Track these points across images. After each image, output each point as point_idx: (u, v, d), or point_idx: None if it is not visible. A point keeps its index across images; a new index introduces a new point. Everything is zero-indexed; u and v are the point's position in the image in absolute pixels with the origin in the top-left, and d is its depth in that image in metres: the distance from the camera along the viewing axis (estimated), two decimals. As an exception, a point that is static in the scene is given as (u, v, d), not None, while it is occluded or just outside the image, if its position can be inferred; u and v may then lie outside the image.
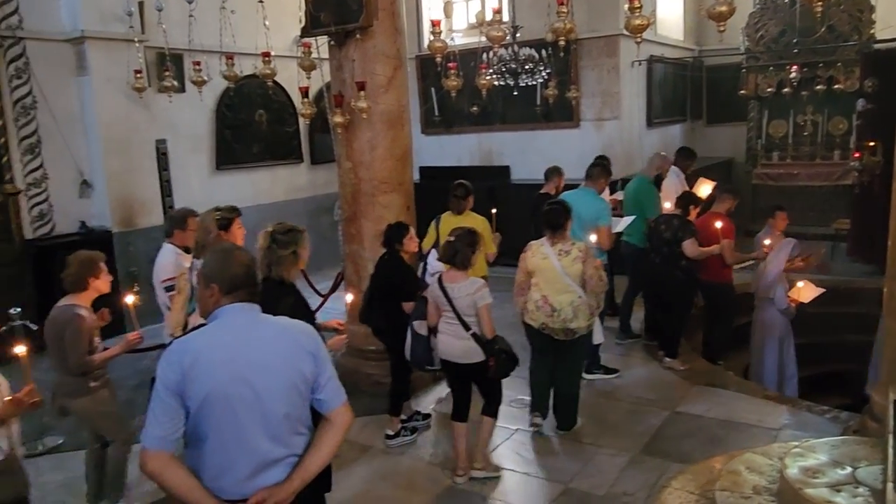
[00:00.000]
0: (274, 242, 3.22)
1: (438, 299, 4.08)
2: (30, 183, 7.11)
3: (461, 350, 4.04)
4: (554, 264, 4.42)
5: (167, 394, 2.04)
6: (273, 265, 3.21)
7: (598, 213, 5.38)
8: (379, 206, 5.46)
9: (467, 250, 3.99)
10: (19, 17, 6.87)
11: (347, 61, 5.29)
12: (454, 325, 4.02)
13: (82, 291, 3.68)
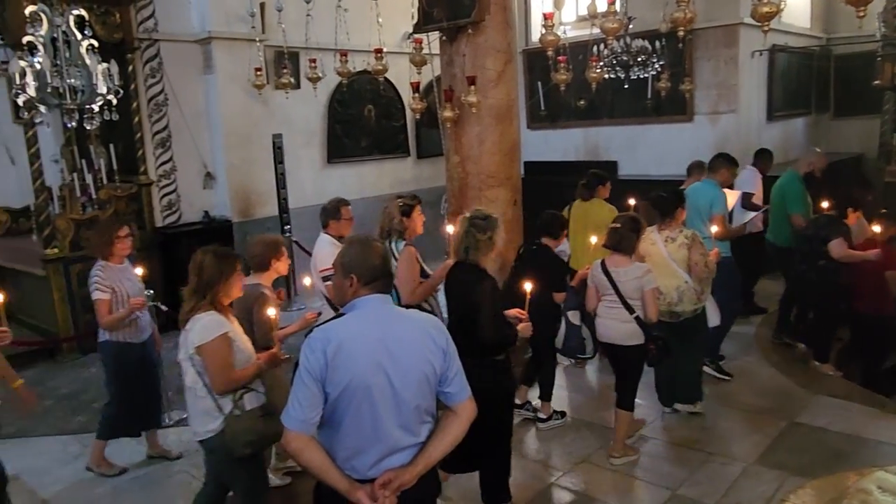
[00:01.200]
0: (472, 227, 3.42)
1: (601, 284, 4.23)
2: (161, 175, 7.66)
3: (623, 333, 4.18)
4: (661, 250, 4.59)
5: (310, 379, 2.14)
6: (470, 249, 3.41)
7: (712, 202, 5.31)
8: (485, 201, 5.47)
9: (631, 236, 4.16)
10: (155, 21, 7.40)
11: (458, 56, 5.33)
12: (617, 308, 4.17)
13: (265, 271, 3.85)
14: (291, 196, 8.28)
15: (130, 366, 4.37)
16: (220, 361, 2.96)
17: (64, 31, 3.59)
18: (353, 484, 2.16)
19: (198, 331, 2.97)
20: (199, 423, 3.10)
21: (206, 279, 3.00)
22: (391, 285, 2.38)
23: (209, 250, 3.09)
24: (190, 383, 3.05)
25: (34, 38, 3.50)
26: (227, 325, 3.04)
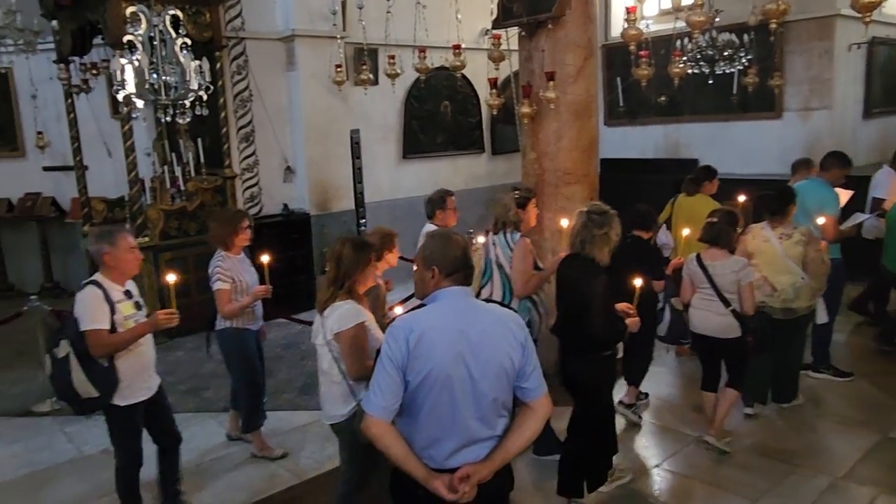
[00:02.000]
0: (590, 221, 3.49)
1: (696, 276, 4.32)
2: (244, 168, 7.95)
3: (719, 326, 4.24)
4: (775, 247, 4.59)
5: (391, 367, 2.18)
6: (586, 243, 3.49)
7: (823, 202, 5.16)
8: (562, 198, 5.41)
9: (728, 230, 4.23)
10: (242, 20, 7.67)
11: (537, 52, 5.28)
12: (713, 301, 4.23)
13: (377, 262, 3.93)
14: (367, 190, 8.41)
15: (250, 352, 4.51)
16: (356, 349, 3.06)
17: (160, 30, 3.78)
18: (430, 473, 2.19)
19: (336, 318, 3.07)
20: (332, 406, 3.21)
21: (344, 269, 3.10)
22: (471, 277, 2.40)
23: (347, 240, 3.18)
24: (326, 368, 3.18)
25: (133, 37, 3.70)
26: (364, 314, 3.12)
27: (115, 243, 3.35)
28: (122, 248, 3.36)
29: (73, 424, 5.26)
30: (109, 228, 3.52)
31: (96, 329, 3.25)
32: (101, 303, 3.29)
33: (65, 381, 3.30)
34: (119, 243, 3.35)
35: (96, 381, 3.29)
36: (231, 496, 4.17)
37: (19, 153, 9.33)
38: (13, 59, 8.08)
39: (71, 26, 7.38)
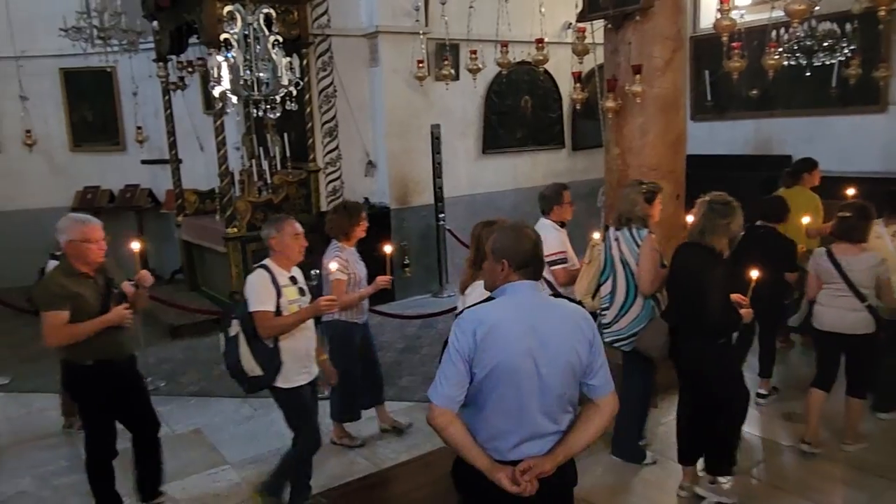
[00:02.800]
0: (712, 211, 3.51)
1: (826, 272, 4.21)
2: (327, 162, 8.14)
3: (854, 322, 4.12)
4: (887, 244, 4.53)
5: (458, 358, 2.19)
6: (707, 232, 3.50)
7: None
8: (645, 195, 5.26)
9: (861, 224, 4.13)
10: (328, 18, 7.86)
11: (623, 44, 5.16)
12: (845, 297, 4.12)
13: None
14: (446, 185, 8.47)
15: (354, 346, 4.57)
16: None
17: (254, 28, 3.92)
18: (493, 464, 2.20)
19: (475, 297, 3.06)
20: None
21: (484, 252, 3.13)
22: (541, 272, 2.39)
23: (489, 224, 3.22)
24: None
25: (229, 35, 3.85)
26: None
27: (281, 229, 3.53)
28: (288, 235, 3.53)
29: (166, 405, 5.53)
30: (277, 216, 3.71)
31: (263, 310, 3.44)
32: (268, 285, 3.47)
33: (234, 359, 3.50)
34: (285, 229, 3.53)
35: (261, 361, 3.47)
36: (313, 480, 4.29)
37: (120, 147, 9.92)
38: (118, 59, 8.57)
39: (169, 26, 7.76)
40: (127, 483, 3.95)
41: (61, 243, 3.55)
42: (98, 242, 3.52)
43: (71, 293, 3.41)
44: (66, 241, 3.48)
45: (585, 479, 3.46)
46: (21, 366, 6.30)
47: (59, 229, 3.52)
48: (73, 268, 3.51)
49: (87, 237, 3.48)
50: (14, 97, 9.20)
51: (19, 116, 9.30)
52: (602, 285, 4.28)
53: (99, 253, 3.53)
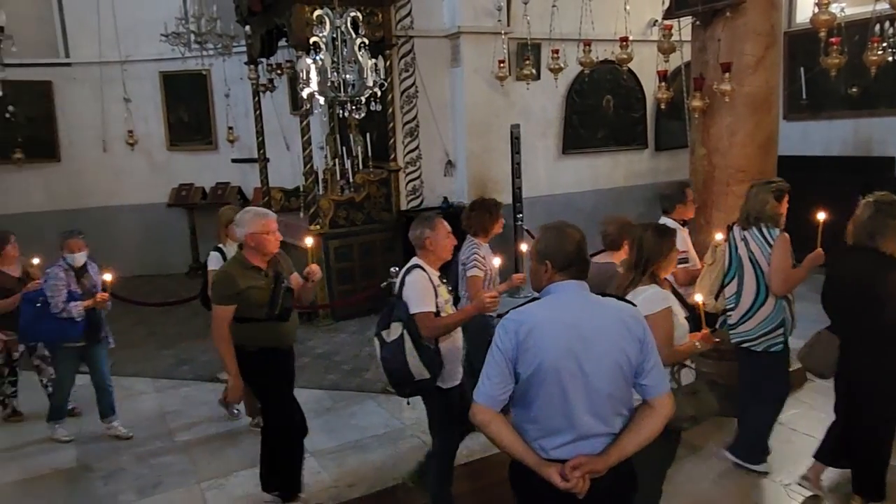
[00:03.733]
0: (879, 212, 3.34)
1: None
2: (407, 162, 8.28)
3: None
4: None
5: (501, 358, 2.21)
6: (876, 234, 3.33)
7: None
8: (732, 197, 5.07)
9: None
10: (411, 19, 7.98)
11: (712, 41, 5.00)
12: None
13: (617, 251, 4.04)
14: (525, 185, 8.44)
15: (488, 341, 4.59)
16: (663, 334, 3.01)
17: (342, 31, 4.04)
18: (542, 460, 2.20)
19: (642, 302, 3.01)
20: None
21: (646, 255, 3.09)
22: (586, 272, 2.36)
23: (649, 227, 3.18)
24: None
25: (318, 38, 3.99)
26: (671, 299, 3.11)
27: (436, 228, 3.45)
28: (441, 234, 3.46)
29: (251, 393, 5.79)
30: (429, 214, 3.67)
31: (426, 311, 3.32)
32: (428, 286, 3.38)
33: (400, 363, 3.32)
34: (439, 228, 3.46)
35: (427, 364, 3.33)
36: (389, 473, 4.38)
37: (213, 146, 10.43)
38: (212, 62, 9.01)
39: (260, 30, 8.09)
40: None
41: (240, 236, 3.66)
42: (275, 234, 3.62)
43: (242, 289, 3.53)
44: (248, 233, 3.58)
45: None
46: (121, 351, 6.72)
47: (241, 222, 3.62)
48: (247, 261, 3.61)
49: (268, 228, 3.58)
50: (118, 99, 9.82)
51: (123, 117, 9.92)
52: (726, 286, 4.15)
53: (276, 244, 3.63)
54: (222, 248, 4.97)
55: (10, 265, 5.18)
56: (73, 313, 4.67)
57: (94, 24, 9.53)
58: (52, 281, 4.70)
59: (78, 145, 10.10)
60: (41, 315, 4.68)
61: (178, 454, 4.77)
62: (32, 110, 9.69)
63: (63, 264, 4.78)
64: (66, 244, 4.79)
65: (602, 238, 4.09)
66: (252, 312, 3.60)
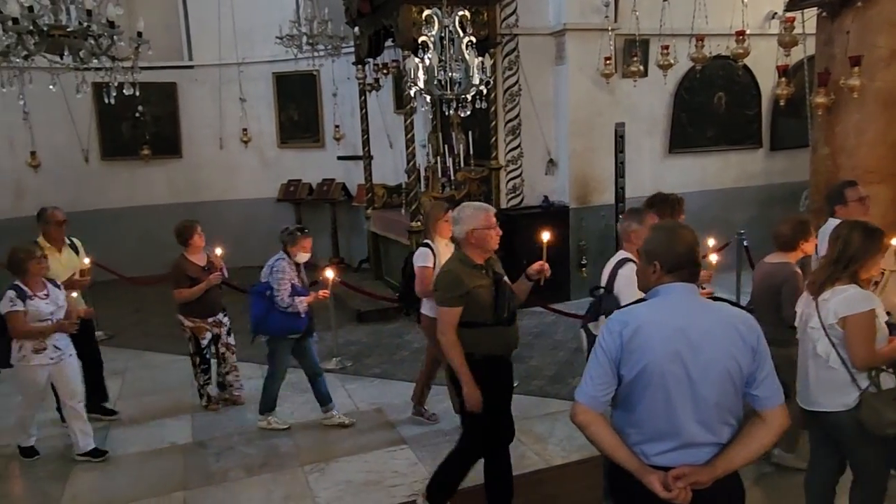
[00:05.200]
0: None
1: None
2: (508, 160, 8.25)
3: None
4: None
5: (605, 358, 2.17)
6: None
7: None
8: (860, 199, 4.75)
9: None
10: (516, 17, 7.96)
11: (840, 34, 4.70)
12: None
13: (791, 251, 3.94)
14: (629, 185, 8.22)
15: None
16: (864, 336, 2.95)
17: (450, 30, 4.09)
18: (644, 466, 2.13)
19: (843, 302, 3.00)
20: (825, 394, 3.09)
21: (851, 253, 3.02)
22: (697, 274, 2.26)
23: (858, 225, 3.10)
24: (821, 352, 3.08)
25: (427, 37, 4.06)
26: (874, 300, 3.03)
27: (644, 222, 3.40)
28: (648, 227, 3.27)
29: (352, 383, 5.98)
30: (638, 207, 3.54)
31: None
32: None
33: None
34: (647, 222, 3.38)
35: None
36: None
37: (320, 144, 10.83)
38: (322, 63, 9.35)
39: (368, 31, 8.31)
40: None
41: (461, 233, 3.40)
42: (496, 228, 3.42)
43: (470, 289, 3.32)
44: (470, 230, 3.36)
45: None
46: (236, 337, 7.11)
47: (461, 219, 3.40)
48: (470, 259, 3.40)
49: (490, 223, 3.39)
50: (235, 99, 10.38)
51: (238, 116, 10.48)
52: None
53: (497, 239, 3.43)
54: (430, 243, 4.80)
55: (196, 254, 5.32)
56: (298, 309, 4.80)
57: (214, 29, 10.12)
58: (279, 274, 4.79)
59: (197, 142, 10.79)
60: (271, 308, 4.79)
61: (283, 437, 4.99)
62: (159, 110, 10.45)
63: (287, 258, 4.88)
64: (300, 244, 4.88)
65: (774, 238, 3.96)
66: (478, 315, 3.35)
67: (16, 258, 4.46)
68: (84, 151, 10.22)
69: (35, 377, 4.51)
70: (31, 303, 4.41)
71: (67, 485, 4.43)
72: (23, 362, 4.45)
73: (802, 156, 6.59)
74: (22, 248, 4.55)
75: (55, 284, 4.67)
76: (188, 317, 5.30)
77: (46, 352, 4.46)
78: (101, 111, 9.87)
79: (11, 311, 4.36)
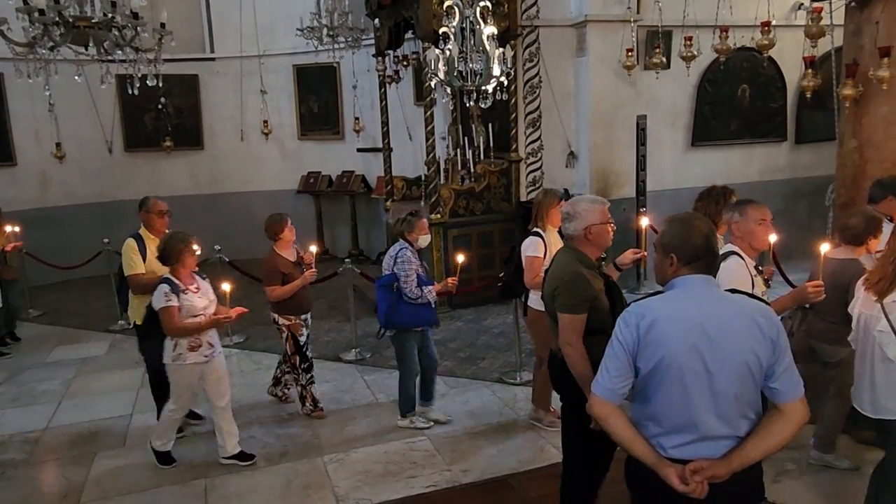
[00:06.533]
0: None
1: None
2: (528, 152, 8.22)
3: None
4: None
5: (621, 351, 2.16)
6: None
7: None
8: (887, 194, 4.66)
9: None
10: (537, 9, 7.90)
11: (869, 24, 4.60)
12: None
13: (860, 246, 3.86)
14: (650, 178, 8.17)
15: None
16: None
17: (471, 21, 4.07)
18: (661, 459, 2.13)
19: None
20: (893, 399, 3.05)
21: None
22: (714, 266, 2.24)
23: None
24: (893, 357, 3.01)
25: (448, 28, 4.04)
26: None
27: (745, 214, 3.24)
28: (753, 220, 3.23)
29: (370, 374, 6.01)
30: (747, 199, 3.34)
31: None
32: (745, 274, 3.15)
33: None
34: (749, 214, 3.23)
35: None
36: (501, 461, 4.41)
37: (339, 136, 10.86)
38: (342, 55, 9.36)
39: (388, 23, 8.30)
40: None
41: (577, 230, 3.12)
42: (612, 223, 3.19)
43: (596, 293, 3.02)
44: (588, 226, 3.09)
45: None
46: (253, 328, 7.17)
47: (576, 214, 3.12)
48: (588, 258, 3.12)
49: (607, 217, 3.15)
50: (256, 91, 10.45)
51: (259, 108, 10.53)
52: None
53: (611, 234, 3.20)
54: (541, 233, 4.55)
55: (286, 249, 5.06)
56: (428, 299, 4.63)
57: (236, 21, 10.19)
58: (404, 265, 4.59)
59: (219, 134, 10.88)
60: (399, 300, 4.60)
61: (302, 426, 5.03)
62: (181, 102, 10.56)
63: (409, 246, 4.67)
64: (418, 226, 4.66)
65: (842, 232, 3.87)
66: (601, 322, 2.94)
67: (172, 247, 4.15)
68: (108, 143, 10.35)
69: (190, 376, 4.27)
70: (184, 297, 4.14)
71: (91, 470, 4.50)
72: (178, 361, 4.19)
73: (828, 149, 6.48)
74: (178, 235, 4.24)
75: (202, 276, 4.41)
76: (283, 315, 5.02)
77: (201, 349, 4.22)
78: (125, 103, 9.99)
79: (166, 307, 4.07)
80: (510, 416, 5.08)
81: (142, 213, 4.89)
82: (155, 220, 4.84)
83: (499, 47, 4.19)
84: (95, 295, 8.84)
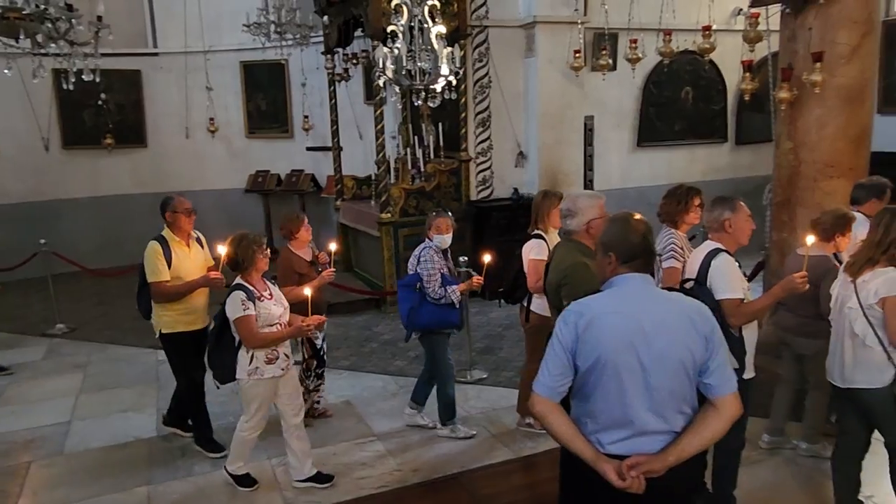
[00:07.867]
0: None
1: None
2: (478, 152, 8.26)
3: None
4: None
5: (560, 350, 2.19)
6: None
7: None
8: (820, 193, 4.87)
9: None
10: (486, 9, 7.94)
11: (803, 30, 4.79)
12: None
13: (828, 242, 3.91)
14: (597, 178, 8.31)
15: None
16: None
17: (420, 19, 4.05)
18: (599, 455, 2.16)
19: (883, 283, 3.13)
20: (863, 373, 3.25)
21: (892, 238, 3.14)
22: (652, 264, 2.29)
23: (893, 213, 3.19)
24: (858, 332, 3.23)
25: (396, 26, 4.01)
26: None
27: (736, 210, 3.25)
28: (743, 216, 3.26)
29: (320, 375, 5.93)
30: (729, 196, 3.36)
31: (735, 298, 3.12)
32: (737, 271, 3.19)
33: None
34: (739, 210, 3.25)
35: (737, 354, 3.05)
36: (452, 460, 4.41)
37: (288, 134, 10.70)
38: (290, 52, 9.22)
39: (338, 20, 8.23)
40: None
41: (580, 226, 3.21)
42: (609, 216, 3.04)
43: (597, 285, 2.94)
44: (589, 220, 3.19)
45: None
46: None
47: (577, 210, 3.21)
48: (589, 249, 3.13)
49: (604, 211, 3.22)
50: (201, 88, 10.18)
51: (205, 105, 10.28)
52: None
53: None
54: (543, 235, 4.43)
55: (302, 248, 4.86)
56: (452, 298, 4.43)
57: (180, 16, 9.91)
58: (427, 264, 4.43)
59: (163, 132, 10.57)
60: (422, 301, 4.43)
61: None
62: (123, 98, 10.21)
63: (433, 245, 4.49)
64: (434, 223, 4.49)
65: (814, 225, 3.96)
66: None
67: (245, 251, 3.79)
68: (44, 140, 9.94)
69: (268, 391, 3.90)
70: (260, 304, 3.78)
71: (26, 480, 4.33)
72: (255, 376, 3.82)
73: (766, 150, 6.72)
74: (249, 237, 3.86)
75: (272, 281, 4.11)
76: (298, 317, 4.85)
77: (278, 361, 3.86)
78: (62, 98, 9.59)
79: (244, 316, 3.69)
80: (461, 414, 5.05)
81: (168, 214, 4.49)
82: (183, 219, 4.47)
83: (447, 46, 4.18)
84: (31, 298, 8.50)
